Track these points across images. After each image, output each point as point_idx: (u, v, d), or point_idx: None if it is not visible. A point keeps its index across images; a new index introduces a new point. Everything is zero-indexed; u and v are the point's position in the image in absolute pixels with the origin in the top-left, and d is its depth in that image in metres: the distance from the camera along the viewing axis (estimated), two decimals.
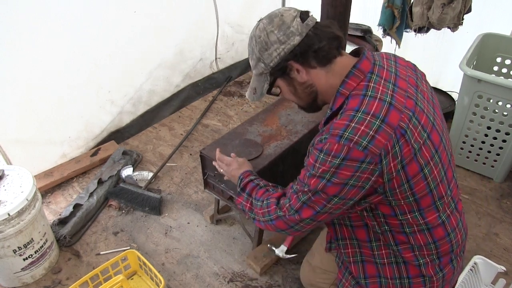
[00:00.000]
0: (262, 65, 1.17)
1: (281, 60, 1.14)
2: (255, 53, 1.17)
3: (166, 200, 2.31)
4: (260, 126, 1.94)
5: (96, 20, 2.34)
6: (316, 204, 1.10)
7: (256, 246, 1.97)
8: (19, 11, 1.97)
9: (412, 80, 1.17)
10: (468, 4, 2.28)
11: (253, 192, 1.34)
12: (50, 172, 2.40)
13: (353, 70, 1.12)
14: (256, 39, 1.15)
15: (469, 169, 2.47)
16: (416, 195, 1.09)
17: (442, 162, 1.13)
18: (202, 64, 3.25)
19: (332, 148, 1.02)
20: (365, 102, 1.05)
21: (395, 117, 1.03)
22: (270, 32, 1.12)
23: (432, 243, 1.17)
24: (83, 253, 2.01)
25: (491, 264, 1.62)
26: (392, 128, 1.02)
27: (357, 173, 1.02)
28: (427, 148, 1.08)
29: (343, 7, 1.65)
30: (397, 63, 1.21)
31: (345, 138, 1.01)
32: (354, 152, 1.00)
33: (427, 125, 1.09)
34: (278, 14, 1.14)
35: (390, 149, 1.01)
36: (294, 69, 1.15)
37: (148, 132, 2.87)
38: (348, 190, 1.05)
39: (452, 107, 2.68)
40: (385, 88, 1.08)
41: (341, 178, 1.03)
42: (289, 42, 1.11)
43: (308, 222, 1.15)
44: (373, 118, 1.02)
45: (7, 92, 2.07)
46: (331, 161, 1.03)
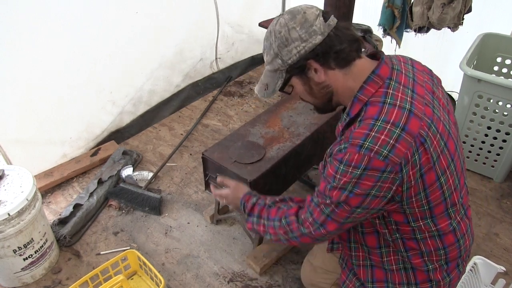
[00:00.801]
0: (279, 62, 1.13)
1: (301, 58, 1.10)
2: (273, 48, 1.12)
3: (166, 200, 2.31)
4: (262, 127, 1.94)
5: (96, 20, 2.34)
6: (340, 216, 1.08)
7: (257, 246, 1.97)
8: (19, 11, 1.97)
9: (428, 86, 1.15)
10: (468, 4, 2.28)
11: (263, 213, 1.31)
12: (50, 172, 2.39)
13: (371, 75, 1.09)
14: (276, 34, 1.11)
15: (469, 169, 2.47)
16: (432, 203, 1.08)
17: (457, 171, 1.12)
18: (202, 64, 3.25)
19: (353, 158, 1.00)
20: (385, 110, 1.03)
21: (415, 125, 1.01)
22: (292, 28, 1.08)
23: (442, 249, 1.16)
24: (83, 253, 2.01)
25: (491, 264, 1.61)
26: (412, 137, 1.00)
27: (379, 183, 1.00)
28: (444, 157, 1.06)
29: (346, 8, 1.64)
30: (414, 67, 1.19)
31: (365, 148, 0.99)
32: (375, 162, 0.98)
33: (444, 133, 1.07)
34: (300, 11, 1.10)
35: (410, 158, 1.00)
36: (312, 69, 1.12)
37: (148, 132, 2.87)
38: (371, 200, 1.03)
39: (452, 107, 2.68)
40: (404, 94, 1.06)
41: (363, 188, 1.01)
42: (310, 41, 1.08)
43: (334, 233, 1.14)
44: (393, 126, 1.00)
45: (8, 92, 2.07)
46: (352, 172, 1.01)
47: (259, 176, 1.66)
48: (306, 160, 1.97)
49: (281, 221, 1.24)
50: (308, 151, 1.94)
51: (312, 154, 1.99)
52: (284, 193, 2.22)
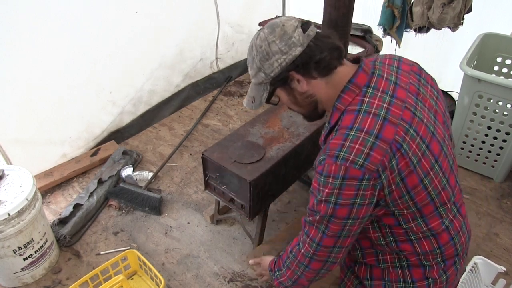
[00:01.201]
0: (262, 75, 1.15)
1: (282, 71, 1.12)
2: (255, 62, 1.15)
3: (166, 200, 2.30)
4: (262, 127, 1.94)
5: (96, 20, 2.34)
6: (334, 231, 1.10)
7: (257, 246, 1.97)
8: (19, 11, 1.97)
9: (413, 88, 1.15)
10: (468, 4, 2.28)
11: (277, 264, 1.36)
12: (50, 172, 2.40)
13: (348, 84, 1.12)
14: (257, 49, 1.13)
15: (469, 169, 2.47)
16: (418, 204, 1.09)
17: (443, 171, 1.12)
18: (202, 64, 3.25)
19: (331, 169, 1.03)
20: (359, 118, 1.05)
21: (389, 131, 1.03)
22: (271, 42, 1.10)
23: (437, 248, 1.17)
24: (83, 253, 2.01)
25: (491, 264, 1.61)
26: (387, 143, 1.02)
27: (360, 191, 1.02)
28: (426, 159, 1.07)
29: (346, 8, 1.63)
30: (400, 68, 1.19)
31: (341, 158, 1.02)
32: (352, 171, 1.01)
33: (426, 135, 1.08)
34: (279, 24, 1.12)
35: (387, 164, 1.01)
36: (295, 80, 1.14)
37: (148, 132, 2.87)
38: (358, 209, 1.05)
39: (452, 107, 2.68)
40: (381, 101, 1.08)
41: (346, 198, 1.03)
42: (290, 53, 1.10)
43: (337, 250, 1.14)
44: (366, 135, 1.02)
45: (8, 92, 2.07)
46: (332, 182, 1.03)
47: (258, 176, 1.66)
48: (306, 160, 1.97)
49: (289, 258, 1.27)
50: (308, 151, 1.94)
51: (311, 154, 1.99)
52: (284, 193, 2.23)
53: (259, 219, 1.92)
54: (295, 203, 2.29)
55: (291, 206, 2.27)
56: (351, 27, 1.79)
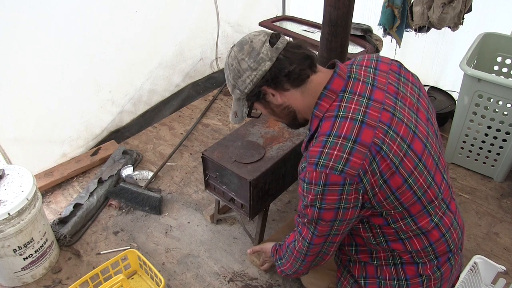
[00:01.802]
0: (238, 91, 1.20)
1: (255, 86, 1.16)
2: (229, 80, 1.20)
3: (166, 200, 2.31)
4: (262, 127, 1.94)
5: (96, 19, 2.34)
6: (322, 232, 1.14)
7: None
8: (19, 9, 1.97)
9: (391, 88, 1.16)
10: (469, 4, 2.28)
11: (278, 253, 1.42)
12: (50, 172, 2.40)
13: (324, 91, 1.13)
14: (230, 67, 1.18)
15: (469, 168, 2.47)
16: (405, 204, 1.10)
17: (428, 169, 1.12)
18: (203, 63, 3.25)
19: (312, 176, 1.05)
20: (337, 124, 1.07)
21: (367, 135, 1.04)
22: (241, 60, 1.14)
23: (428, 246, 1.17)
24: (83, 253, 2.01)
25: (491, 263, 1.61)
26: (366, 147, 1.02)
27: (343, 195, 1.04)
28: (409, 159, 1.07)
29: (346, 8, 1.63)
30: (377, 69, 1.20)
31: (320, 165, 1.03)
32: (332, 177, 1.02)
33: (407, 135, 1.09)
34: (248, 40, 1.15)
35: (367, 168, 1.02)
36: (269, 93, 1.17)
37: (148, 132, 2.87)
38: (343, 213, 1.07)
39: (452, 106, 2.68)
40: (357, 105, 1.09)
41: (330, 203, 1.05)
42: (260, 68, 1.12)
43: (328, 245, 1.20)
44: (344, 140, 1.04)
45: (7, 91, 2.07)
46: (314, 189, 1.05)
47: (258, 175, 1.67)
48: None
49: (286, 252, 1.33)
50: None
51: None
52: (284, 193, 2.24)
53: (259, 219, 1.92)
54: (295, 203, 2.29)
55: (291, 205, 2.27)
56: (351, 27, 1.79)
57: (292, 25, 2.91)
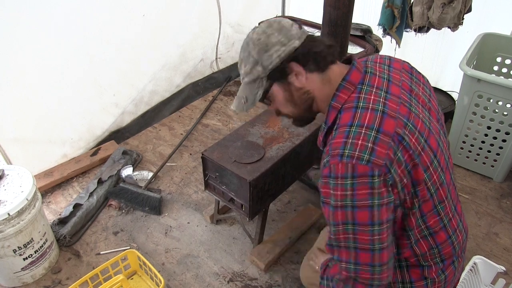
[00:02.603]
0: (260, 69, 1.13)
1: (282, 62, 1.10)
2: (252, 55, 1.13)
3: (166, 200, 2.31)
4: (262, 127, 1.94)
5: (102, 23, 2.35)
6: (364, 242, 1.01)
7: (256, 245, 1.97)
8: (19, 11, 1.97)
9: (405, 85, 1.16)
10: (468, 4, 2.28)
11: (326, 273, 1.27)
12: (50, 172, 2.40)
13: (343, 82, 1.11)
14: (255, 42, 1.12)
15: (469, 169, 2.47)
16: (420, 200, 1.07)
17: (441, 166, 1.12)
18: (203, 64, 3.25)
19: (337, 169, 0.98)
20: (358, 114, 1.04)
21: (390, 124, 1.01)
22: (270, 34, 1.10)
23: (435, 247, 1.16)
24: (83, 253, 2.01)
25: (490, 264, 1.62)
26: (389, 136, 0.99)
27: (374, 189, 0.97)
28: (426, 154, 1.06)
29: (346, 8, 1.63)
30: (391, 67, 1.20)
31: (346, 156, 0.98)
32: (360, 168, 0.96)
33: (424, 130, 1.08)
34: (276, 20, 1.14)
35: (393, 157, 0.98)
36: (293, 73, 1.13)
37: (148, 132, 2.87)
38: (379, 212, 0.99)
39: (452, 107, 2.68)
40: (377, 96, 1.07)
41: (362, 199, 0.97)
42: (290, 44, 1.10)
43: (378, 270, 1.04)
44: (367, 130, 1.00)
45: (8, 92, 2.07)
46: (342, 183, 0.98)
47: (258, 176, 1.66)
48: (306, 160, 1.97)
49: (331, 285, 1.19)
50: (308, 151, 1.94)
51: (311, 154, 1.99)
52: (284, 193, 2.24)
53: (259, 219, 1.92)
54: (295, 203, 2.29)
55: (291, 206, 2.27)
56: (351, 27, 1.79)
57: None
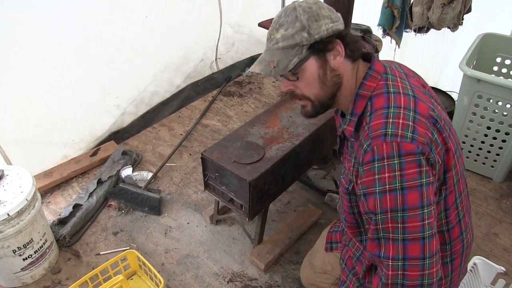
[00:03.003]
0: (305, 35, 1.06)
1: (329, 35, 1.08)
2: (300, 20, 1.06)
3: (165, 200, 2.30)
4: (261, 128, 1.94)
5: (101, 23, 2.34)
6: (414, 230, 0.94)
7: (256, 246, 1.97)
8: (20, 11, 1.96)
9: (419, 81, 1.19)
10: (468, 4, 2.28)
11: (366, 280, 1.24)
12: (50, 172, 2.39)
13: (369, 71, 1.11)
14: (305, 9, 1.07)
15: (468, 169, 2.47)
16: (447, 190, 1.05)
17: (461, 161, 1.12)
18: (203, 64, 3.25)
19: (382, 150, 0.95)
20: (391, 98, 1.03)
21: (423, 107, 1.02)
22: (321, 7, 1.09)
23: (448, 243, 1.14)
24: (82, 253, 2.01)
25: (490, 264, 1.62)
26: (425, 118, 1.00)
27: (422, 167, 0.93)
28: (452, 142, 1.06)
29: (345, 8, 1.63)
30: (402, 67, 1.23)
31: (389, 135, 0.95)
32: (405, 146, 0.93)
33: (446, 119, 1.09)
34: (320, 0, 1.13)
35: (431, 137, 0.98)
36: (334, 50, 1.09)
37: (147, 132, 2.87)
38: (427, 191, 0.94)
39: (452, 107, 2.68)
40: (403, 84, 1.08)
41: (411, 179, 0.93)
42: (337, 23, 1.10)
43: (428, 263, 0.95)
44: (406, 110, 0.99)
45: (7, 92, 2.07)
46: (389, 164, 0.94)
47: (258, 176, 1.66)
48: (306, 161, 1.97)
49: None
50: (308, 151, 1.94)
51: (311, 155, 1.99)
52: (284, 193, 2.23)
53: (258, 219, 1.92)
54: (295, 203, 2.29)
55: (290, 206, 2.27)
56: (350, 27, 1.79)
57: None
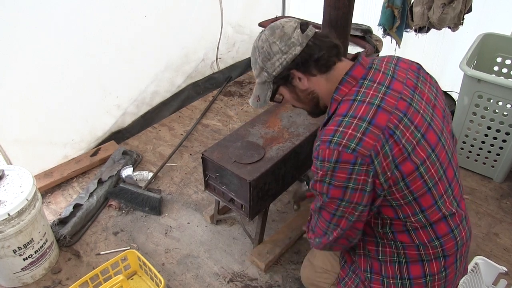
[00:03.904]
0: (265, 74, 1.22)
1: (283, 69, 1.19)
2: (258, 62, 1.22)
3: (166, 200, 2.30)
4: (262, 128, 1.94)
5: (101, 23, 2.34)
6: (330, 207, 1.15)
7: (256, 246, 1.97)
8: (20, 11, 1.97)
9: (410, 82, 1.19)
10: (469, 4, 2.28)
11: None
12: (50, 172, 2.39)
13: (345, 77, 1.17)
14: (259, 50, 1.21)
15: (469, 169, 2.47)
16: (415, 193, 1.11)
17: (440, 161, 1.14)
18: (204, 64, 3.26)
19: (324, 154, 1.08)
20: (354, 106, 1.10)
21: (383, 118, 1.07)
22: (272, 43, 1.18)
23: (436, 239, 1.17)
24: (83, 253, 2.01)
25: (492, 264, 1.62)
26: (380, 129, 1.05)
27: (353, 175, 1.06)
28: (422, 148, 1.10)
29: (346, 8, 1.63)
30: (398, 65, 1.24)
31: (334, 142, 1.06)
32: (344, 155, 1.05)
33: (422, 125, 1.12)
34: (279, 25, 1.19)
35: (379, 150, 1.04)
36: (296, 77, 1.21)
37: (148, 132, 2.87)
38: (351, 194, 1.09)
39: (452, 107, 2.68)
40: (376, 91, 1.12)
41: (339, 180, 1.08)
42: (290, 52, 1.17)
43: (333, 227, 1.19)
44: (359, 121, 1.07)
45: (8, 92, 2.07)
46: (326, 166, 1.08)
47: (258, 176, 1.66)
48: (306, 160, 1.97)
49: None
50: (308, 151, 1.94)
51: (311, 154, 1.99)
52: (284, 193, 2.23)
53: (259, 219, 1.92)
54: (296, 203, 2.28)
55: (291, 206, 2.27)
56: (351, 27, 1.79)
57: None
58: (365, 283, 1.30)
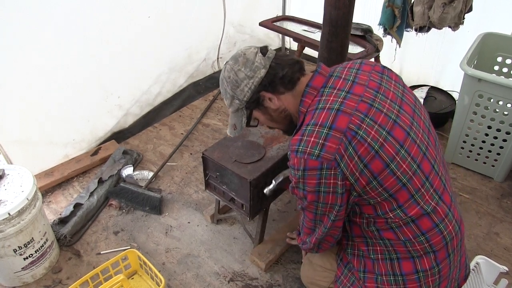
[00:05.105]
0: (237, 101, 1.29)
1: (253, 93, 1.26)
2: (228, 92, 1.29)
3: (166, 200, 2.30)
4: (262, 127, 1.93)
5: (104, 25, 2.35)
6: (310, 208, 1.22)
7: (257, 245, 1.97)
8: (20, 11, 1.97)
9: (373, 84, 1.23)
10: (469, 4, 2.28)
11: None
12: (51, 172, 2.39)
13: (306, 88, 1.24)
14: (227, 80, 1.28)
15: (469, 168, 2.47)
16: (389, 190, 1.13)
17: (412, 156, 1.15)
18: (205, 64, 3.26)
19: (294, 162, 1.14)
20: (315, 115, 1.16)
21: (343, 121, 1.11)
22: (237, 70, 1.25)
23: (421, 235, 1.18)
24: (83, 253, 2.01)
25: (493, 264, 1.62)
26: (341, 132, 1.10)
27: (322, 180, 1.11)
28: (389, 145, 1.12)
29: (346, 8, 1.63)
30: (360, 70, 1.28)
31: (300, 151, 1.12)
32: (310, 162, 1.10)
33: (386, 123, 1.14)
34: (241, 54, 1.28)
35: (343, 152, 1.09)
36: (267, 98, 1.28)
37: (148, 132, 2.87)
38: (324, 196, 1.15)
39: (453, 106, 2.68)
40: (335, 97, 1.18)
41: (310, 186, 1.14)
42: (256, 76, 1.24)
43: (318, 222, 1.26)
44: (320, 127, 1.12)
45: (8, 92, 2.07)
46: (297, 174, 1.15)
47: (259, 175, 1.66)
48: None
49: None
50: None
51: None
52: (285, 193, 2.23)
53: (259, 219, 1.92)
54: (295, 203, 2.28)
55: (291, 205, 2.27)
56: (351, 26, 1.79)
57: (292, 25, 2.91)
58: (360, 282, 1.31)
